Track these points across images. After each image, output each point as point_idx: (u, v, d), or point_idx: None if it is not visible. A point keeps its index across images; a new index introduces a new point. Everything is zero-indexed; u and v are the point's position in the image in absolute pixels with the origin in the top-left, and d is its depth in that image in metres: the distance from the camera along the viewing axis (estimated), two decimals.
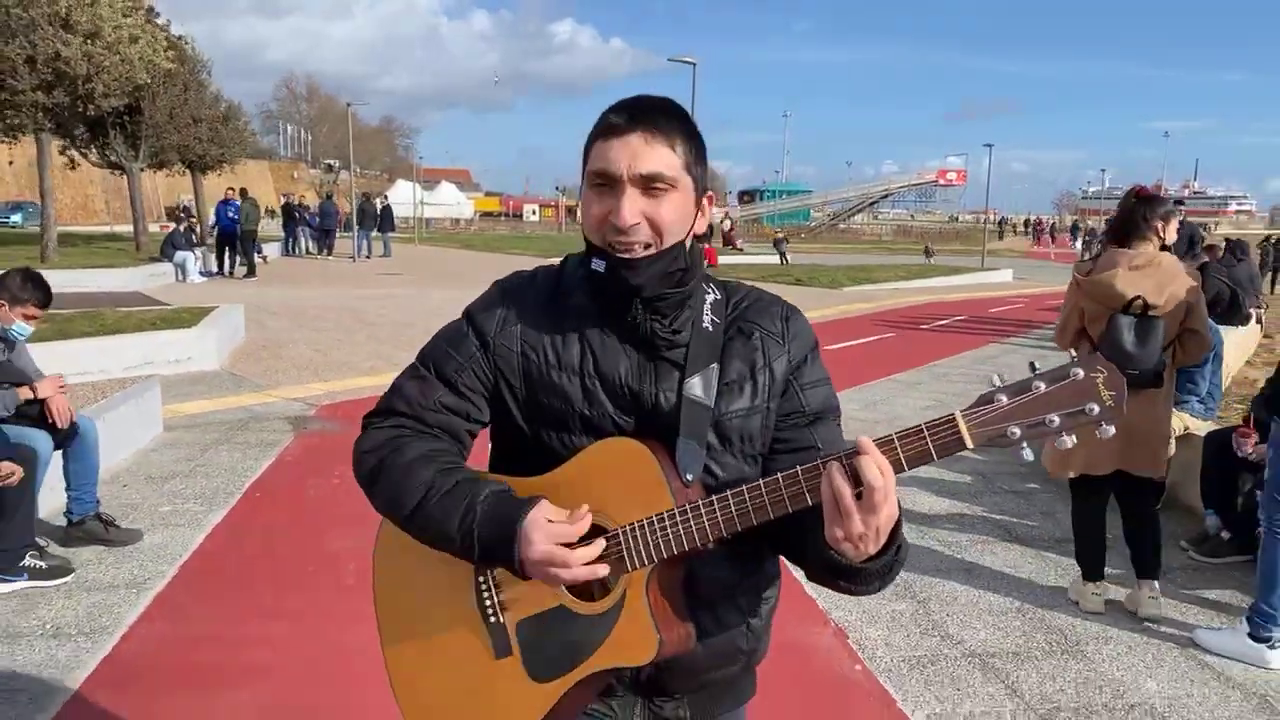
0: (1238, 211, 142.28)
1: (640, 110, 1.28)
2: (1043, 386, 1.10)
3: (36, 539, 4.11)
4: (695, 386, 1.31)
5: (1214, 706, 3.30)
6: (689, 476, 1.26)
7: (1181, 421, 5.43)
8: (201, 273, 19.60)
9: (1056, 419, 1.09)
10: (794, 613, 3.81)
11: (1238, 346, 10.56)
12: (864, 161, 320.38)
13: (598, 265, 1.28)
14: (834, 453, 1.15)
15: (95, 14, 17.16)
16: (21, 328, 4.23)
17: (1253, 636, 3.58)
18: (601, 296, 1.33)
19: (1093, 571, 4.09)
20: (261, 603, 3.91)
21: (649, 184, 1.25)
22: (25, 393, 4.10)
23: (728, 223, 47.12)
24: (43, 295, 4.28)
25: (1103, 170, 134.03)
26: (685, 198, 1.29)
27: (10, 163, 56.37)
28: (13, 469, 3.66)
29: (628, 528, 1.24)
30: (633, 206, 1.24)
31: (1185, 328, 3.81)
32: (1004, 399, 1.11)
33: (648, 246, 1.26)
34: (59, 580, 3.97)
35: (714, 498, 1.21)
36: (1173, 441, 4.26)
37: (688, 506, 1.21)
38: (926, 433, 1.12)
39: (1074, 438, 1.10)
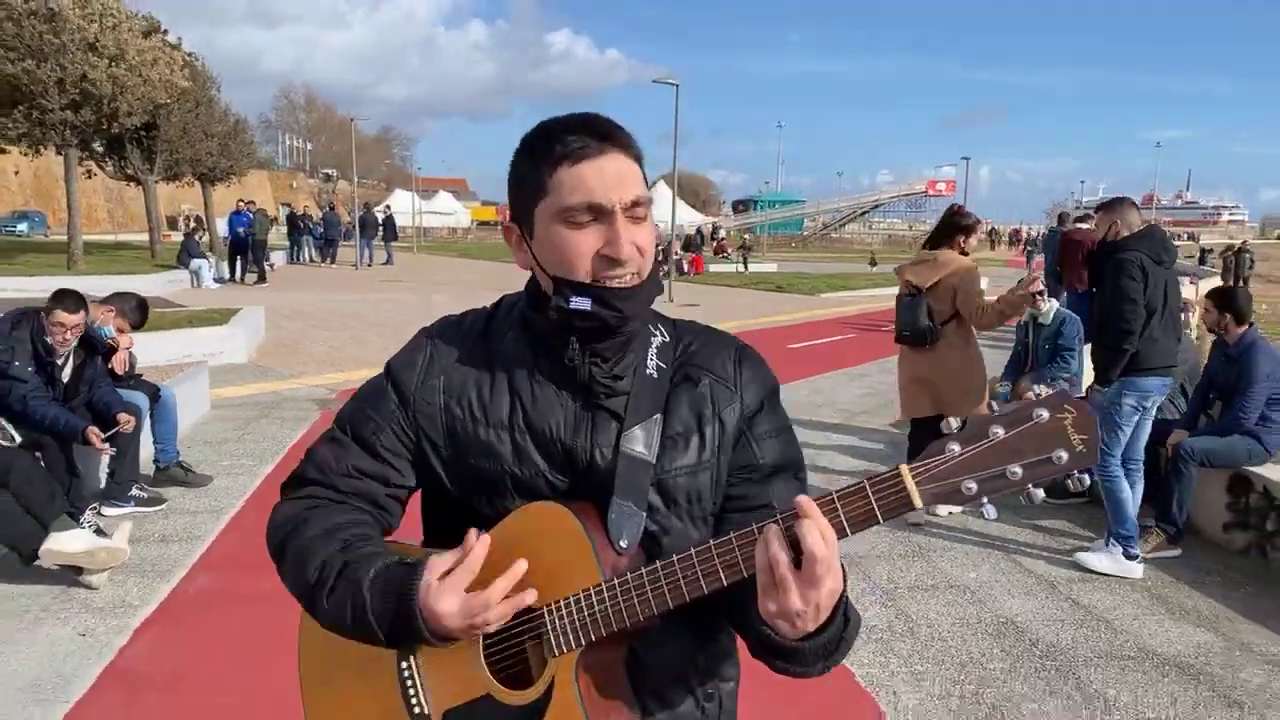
0: (1229, 221, 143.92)
1: (604, 129, 1.16)
2: (1001, 432, 0.97)
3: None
4: (635, 440, 1.18)
5: (1012, 588, 4.54)
6: (623, 543, 1.13)
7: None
8: (215, 279, 20.81)
9: (1019, 470, 0.96)
10: None
11: None
12: (859, 171, 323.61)
13: (580, 303, 1.14)
14: (769, 517, 1.03)
15: (119, 38, 18.44)
16: (108, 330, 5.46)
17: (1126, 555, 4.76)
18: (536, 338, 1.22)
19: None
20: None
21: (631, 209, 1.14)
22: (112, 341, 5.35)
23: (721, 232, 48.53)
24: (140, 320, 5.65)
25: (1082, 181, 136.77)
26: (653, 220, 1.20)
27: (16, 172, 57.79)
28: (129, 418, 4.89)
29: (552, 605, 1.12)
30: (629, 237, 1.13)
31: (956, 306, 5.20)
32: (956, 448, 0.98)
33: (635, 277, 1.16)
34: (157, 507, 5.20)
35: (643, 570, 1.08)
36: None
37: (615, 581, 1.09)
38: (870, 491, 1.00)
39: (1041, 491, 0.98)
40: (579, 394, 1.20)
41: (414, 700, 1.21)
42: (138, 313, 5.65)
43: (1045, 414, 0.96)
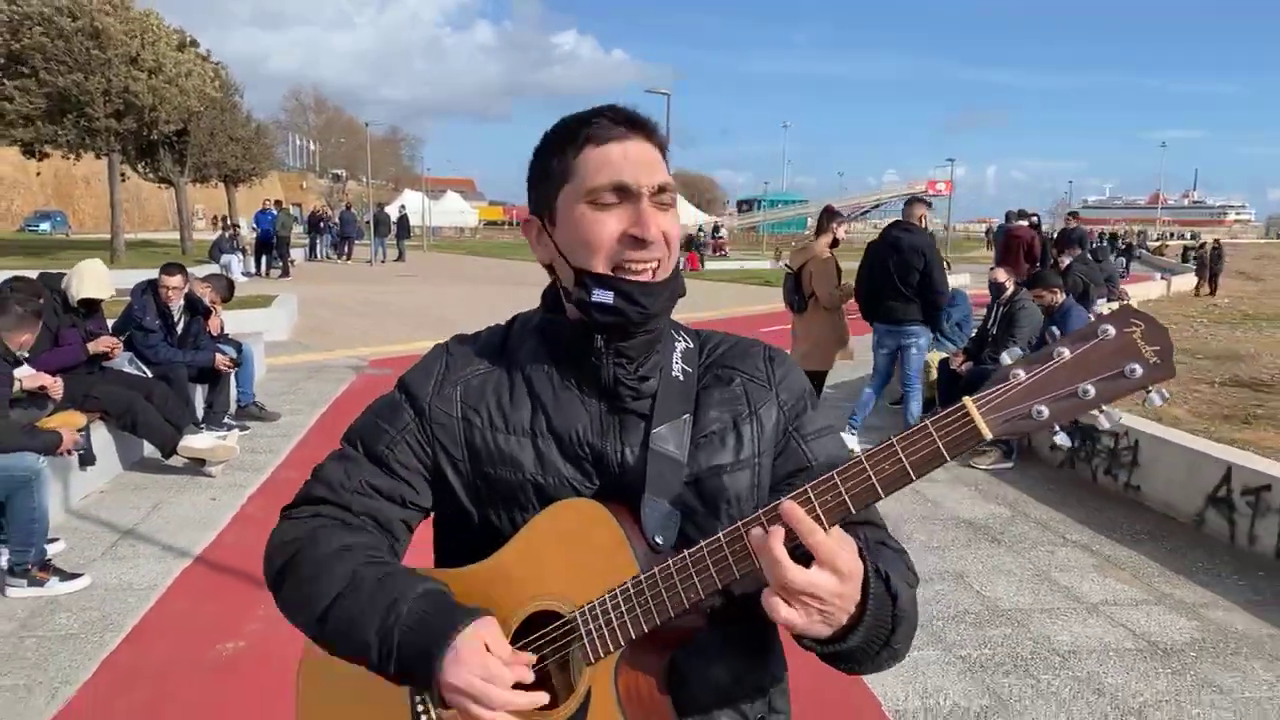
0: (1235, 221, 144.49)
1: (630, 115, 1.13)
2: (1066, 352, 0.90)
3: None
4: (665, 440, 1.12)
5: None
6: (659, 540, 1.06)
7: (937, 355, 8.32)
8: (243, 274, 22.52)
9: (1091, 389, 0.89)
10: None
11: None
12: (866, 171, 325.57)
13: (602, 296, 1.08)
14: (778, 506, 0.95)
15: (158, 52, 20.21)
16: (205, 301, 7.17)
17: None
18: (556, 343, 1.17)
19: None
20: None
21: (658, 195, 1.10)
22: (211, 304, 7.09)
23: (723, 231, 50.20)
24: (228, 296, 7.43)
25: (1070, 181, 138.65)
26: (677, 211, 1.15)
27: (38, 174, 59.65)
28: (234, 360, 6.59)
29: (586, 608, 1.04)
30: (655, 221, 1.08)
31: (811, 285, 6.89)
32: (1021, 373, 0.91)
33: (658, 266, 1.11)
34: (244, 433, 6.88)
35: (685, 552, 1.01)
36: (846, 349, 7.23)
37: (655, 570, 1.01)
38: (934, 429, 0.91)
39: (1118, 411, 0.91)
40: (604, 397, 1.15)
41: None
42: (226, 290, 7.36)
43: (1111, 329, 0.89)
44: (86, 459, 5.15)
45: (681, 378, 1.18)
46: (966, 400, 0.91)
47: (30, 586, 4.00)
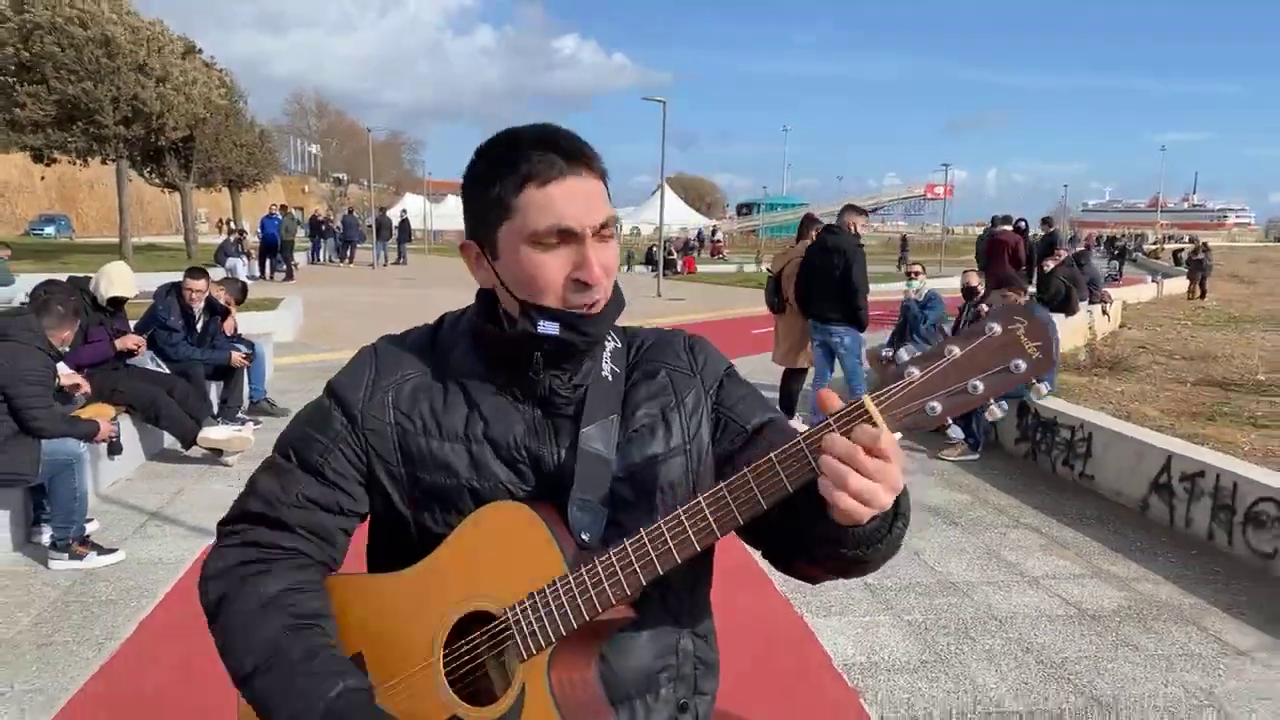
0: (1235, 224, 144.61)
1: (571, 148, 1.13)
2: (957, 350, 0.95)
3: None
4: (593, 439, 1.16)
5: None
6: (585, 536, 1.11)
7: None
8: (247, 277, 22.94)
9: (980, 384, 0.95)
10: None
11: (1072, 330, 13.72)
12: (867, 173, 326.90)
13: (549, 328, 1.12)
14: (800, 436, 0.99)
15: (165, 60, 20.68)
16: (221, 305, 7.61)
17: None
18: (490, 350, 1.20)
19: (787, 413, 7.51)
20: None
21: (600, 231, 1.12)
22: (227, 305, 7.52)
23: (720, 235, 50.67)
24: (242, 298, 7.84)
25: (1066, 186, 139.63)
26: (616, 238, 1.18)
27: (41, 178, 60.25)
28: (248, 355, 7.02)
29: (515, 606, 1.08)
30: (597, 259, 1.11)
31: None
32: (916, 371, 0.96)
33: (600, 300, 1.14)
34: (257, 427, 7.30)
35: (610, 551, 1.05)
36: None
37: (582, 569, 1.06)
38: (836, 428, 0.97)
39: (1005, 403, 0.98)
40: (538, 404, 1.18)
41: None
42: (240, 292, 7.81)
43: (997, 327, 0.94)
44: (115, 448, 5.57)
45: (611, 378, 1.22)
46: (866, 398, 0.97)
47: (71, 560, 4.43)
